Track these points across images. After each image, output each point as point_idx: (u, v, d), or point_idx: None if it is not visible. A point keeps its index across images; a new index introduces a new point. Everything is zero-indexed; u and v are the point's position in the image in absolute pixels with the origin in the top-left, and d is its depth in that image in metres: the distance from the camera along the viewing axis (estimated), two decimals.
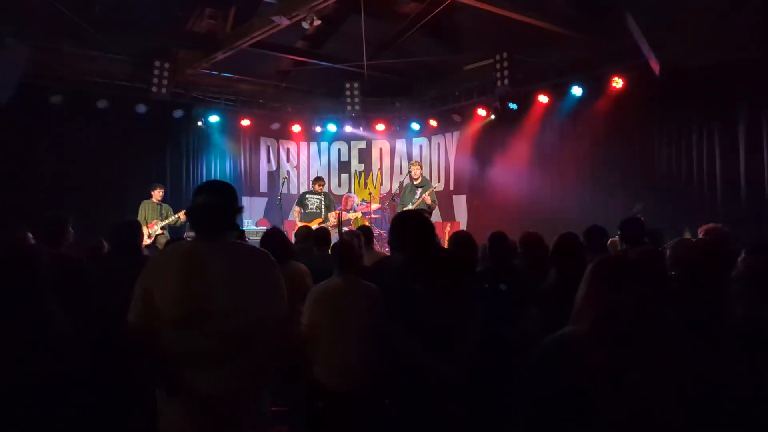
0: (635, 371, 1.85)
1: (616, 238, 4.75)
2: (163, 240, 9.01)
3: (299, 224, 9.44)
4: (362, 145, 13.18)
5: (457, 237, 4.73)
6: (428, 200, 9.31)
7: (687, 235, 6.12)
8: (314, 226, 8.87)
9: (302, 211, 10.07)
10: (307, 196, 10.23)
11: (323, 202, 10.10)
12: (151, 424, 2.43)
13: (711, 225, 4.55)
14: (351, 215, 10.69)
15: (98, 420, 3.00)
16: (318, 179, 10.48)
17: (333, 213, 10.07)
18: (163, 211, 9.48)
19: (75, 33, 9.14)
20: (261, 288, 2.43)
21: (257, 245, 5.46)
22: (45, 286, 2.43)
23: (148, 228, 9.06)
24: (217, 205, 2.47)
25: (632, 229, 4.47)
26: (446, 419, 3.02)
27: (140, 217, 9.20)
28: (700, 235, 4.54)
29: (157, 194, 9.56)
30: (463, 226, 11.10)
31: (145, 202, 9.50)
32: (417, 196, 9.48)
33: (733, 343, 2.34)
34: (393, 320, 3.14)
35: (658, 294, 2.75)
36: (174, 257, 2.47)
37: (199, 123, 11.37)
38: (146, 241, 8.75)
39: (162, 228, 9.28)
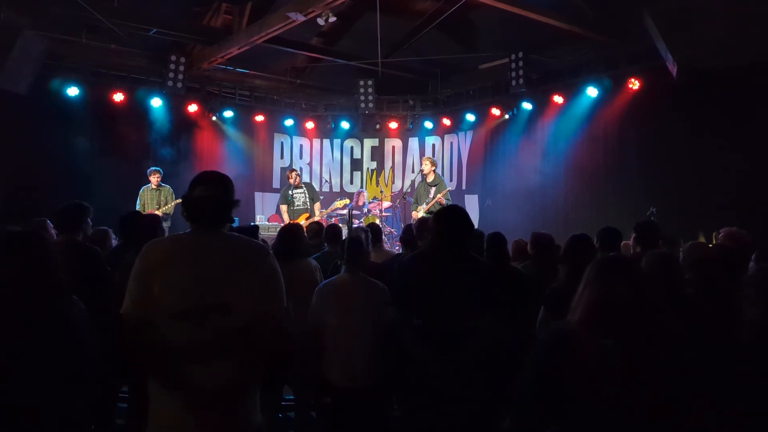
0: (623, 359, 1.93)
1: (630, 240, 4.71)
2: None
3: (287, 221, 9.19)
4: (375, 142, 13.17)
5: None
6: (443, 201, 9.17)
7: (701, 239, 6.06)
8: (302, 221, 8.87)
9: (289, 208, 9.83)
10: (290, 192, 9.91)
11: (307, 195, 9.86)
12: (141, 415, 2.39)
13: (732, 229, 4.48)
14: (338, 203, 10.49)
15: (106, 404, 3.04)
16: (291, 170, 10.16)
17: (318, 204, 9.92)
18: (162, 197, 9.16)
19: (93, 26, 9.24)
20: (260, 281, 2.39)
21: (270, 240, 5.51)
22: (60, 273, 2.43)
23: None
24: (215, 197, 2.42)
25: (647, 232, 4.42)
26: (450, 416, 3.01)
27: (139, 206, 9.01)
28: (720, 239, 4.48)
29: (154, 179, 9.21)
30: (474, 226, 11.04)
31: (144, 189, 9.25)
32: (431, 196, 9.42)
33: (745, 346, 2.32)
34: (403, 316, 3.15)
35: (671, 297, 2.73)
36: (173, 248, 2.41)
37: (214, 117, 11.42)
38: None
39: (165, 215, 8.89)
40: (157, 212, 8.77)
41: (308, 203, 9.83)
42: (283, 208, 10.00)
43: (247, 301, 2.33)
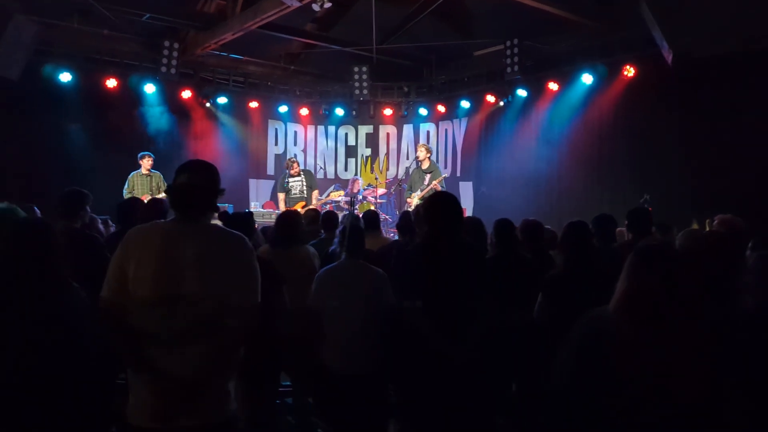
0: (658, 348, 1.96)
1: (624, 228, 4.75)
2: None
3: (283, 209, 9.18)
4: (369, 129, 13.13)
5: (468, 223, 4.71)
6: (438, 188, 9.21)
7: (695, 226, 6.11)
8: (299, 210, 8.84)
9: (287, 196, 9.76)
10: (288, 180, 9.84)
11: (305, 183, 9.78)
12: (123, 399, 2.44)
13: (726, 216, 4.52)
14: (333, 194, 10.49)
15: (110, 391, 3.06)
16: (291, 161, 10.04)
17: (316, 192, 9.83)
18: (153, 183, 9.06)
19: (85, 11, 9.15)
20: (234, 273, 2.40)
21: (265, 227, 5.49)
22: (61, 260, 2.45)
23: None
24: (198, 185, 2.43)
25: (640, 220, 4.45)
26: (453, 402, 3.05)
27: (127, 190, 8.90)
28: (715, 225, 4.52)
29: (146, 164, 9.10)
30: (469, 213, 11.08)
31: (134, 174, 9.11)
32: (426, 183, 9.43)
33: (741, 334, 2.35)
34: (409, 300, 3.17)
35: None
36: (150, 236, 2.43)
37: (207, 104, 11.35)
38: None
39: None
40: (149, 197, 8.62)
41: (306, 191, 9.75)
42: (281, 196, 9.93)
43: (217, 292, 2.35)
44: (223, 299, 2.36)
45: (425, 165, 9.63)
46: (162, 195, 8.89)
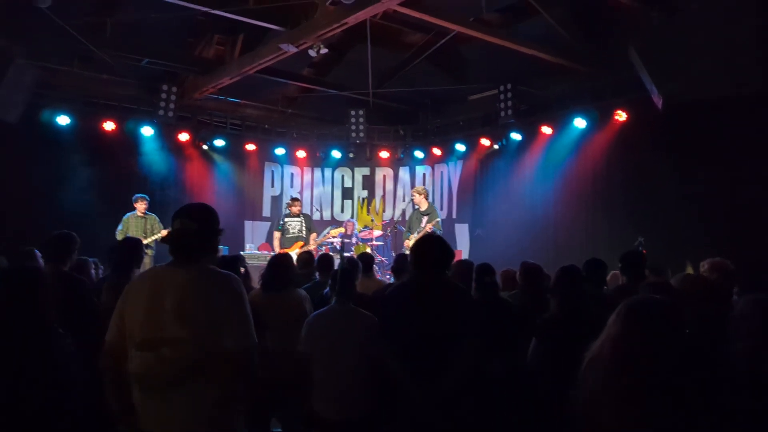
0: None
1: (618, 271, 4.73)
2: (147, 260, 8.47)
3: (278, 250, 9.10)
4: (366, 171, 13.22)
5: (460, 267, 4.71)
6: (430, 231, 9.19)
7: (689, 269, 6.09)
8: (296, 250, 8.81)
9: (282, 236, 9.65)
10: (287, 219, 9.77)
11: (304, 225, 9.69)
12: None
13: (716, 260, 4.52)
14: (332, 231, 10.42)
15: None
16: (294, 200, 10.00)
17: (314, 235, 9.78)
18: (148, 225, 9.11)
19: (85, 56, 9.29)
20: (222, 318, 2.39)
21: (260, 269, 5.47)
22: (48, 307, 2.46)
23: None
24: (191, 230, 2.46)
25: (632, 263, 4.46)
26: None
27: (120, 232, 8.91)
28: (704, 269, 4.51)
29: (141, 206, 9.16)
30: (465, 255, 11.07)
31: (129, 215, 9.15)
32: (423, 225, 9.44)
33: (731, 378, 2.33)
34: (389, 345, 3.14)
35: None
36: (145, 282, 2.50)
37: (204, 146, 11.43)
38: None
39: (147, 246, 8.64)
40: (144, 240, 8.62)
41: (304, 232, 9.65)
42: (276, 235, 9.87)
43: (201, 336, 2.34)
44: (206, 342, 2.34)
45: (423, 207, 9.63)
46: (155, 237, 8.98)
